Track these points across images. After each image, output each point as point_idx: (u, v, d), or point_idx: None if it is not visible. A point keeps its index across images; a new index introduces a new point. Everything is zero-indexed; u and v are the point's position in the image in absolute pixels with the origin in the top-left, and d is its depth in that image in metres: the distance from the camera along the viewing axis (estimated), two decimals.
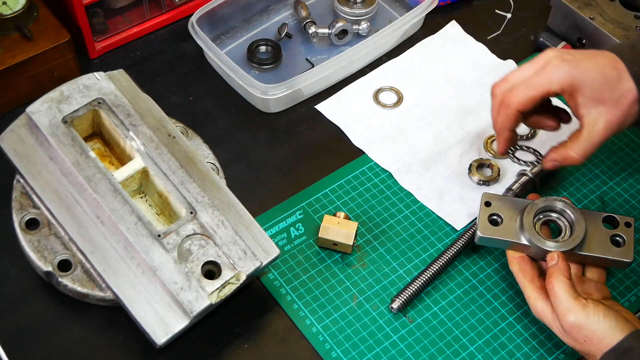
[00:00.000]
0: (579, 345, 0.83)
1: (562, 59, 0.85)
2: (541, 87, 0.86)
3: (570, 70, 0.85)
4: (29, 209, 0.88)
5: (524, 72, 0.88)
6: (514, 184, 1.00)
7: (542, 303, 0.86)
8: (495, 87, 0.91)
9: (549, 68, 0.86)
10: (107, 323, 0.90)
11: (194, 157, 0.91)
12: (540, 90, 0.86)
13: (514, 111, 0.88)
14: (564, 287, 0.83)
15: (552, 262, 0.86)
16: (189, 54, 1.16)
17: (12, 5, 1.05)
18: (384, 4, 1.23)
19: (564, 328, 0.83)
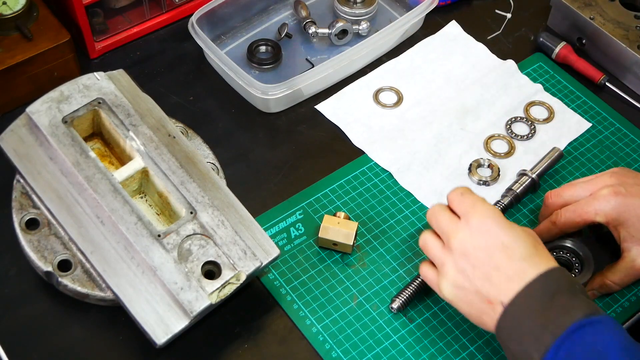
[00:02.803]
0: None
1: (615, 192, 0.87)
2: (587, 215, 0.88)
3: (618, 206, 0.86)
4: (29, 209, 0.88)
5: (577, 192, 0.91)
6: (514, 184, 1.00)
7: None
8: (548, 197, 0.94)
9: (599, 199, 0.88)
10: (107, 323, 0.90)
11: (194, 157, 0.91)
12: (585, 219, 0.89)
13: (557, 231, 0.92)
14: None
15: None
16: (189, 54, 1.16)
17: (12, 5, 1.05)
18: (384, 4, 1.23)
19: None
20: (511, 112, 1.11)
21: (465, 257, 0.80)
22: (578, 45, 1.17)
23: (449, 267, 0.81)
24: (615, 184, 0.88)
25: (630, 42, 1.10)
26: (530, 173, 1.00)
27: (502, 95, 1.13)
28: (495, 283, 0.78)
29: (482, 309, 0.79)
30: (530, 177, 1.00)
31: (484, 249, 0.79)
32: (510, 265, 0.78)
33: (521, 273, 0.77)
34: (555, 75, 1.16)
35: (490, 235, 0.79)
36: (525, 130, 1.09)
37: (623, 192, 0.87)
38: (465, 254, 0.80)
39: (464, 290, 0.80)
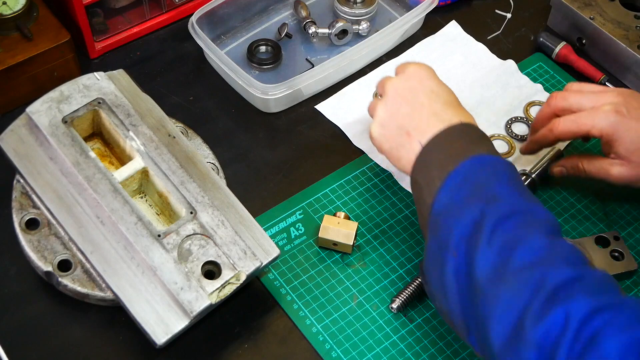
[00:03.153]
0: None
1: (616, 110, 0.89)
2: (584, 127, 0.91)
3: (616, 125, 0.89)
4: (29, 209, 0.88)
5: (582, 101, 0.93)
6: None
7: None
8: (553, 97, 0.96)
9: (599, 114, 0.90)
10: (107, 323, 0.90)
11: (194, 157, 0.91)
12: (582, 130, 0.91)
13: (553, 138, 0.95)
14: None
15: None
16: (189, 54, 1.16)
17: (12, 5, 1.05)
18: (384, 4, 1.23)
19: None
20: (511, 112, 1.11)
21: (395, 97, 0.89)
22: (578, 45, 1.17)
23: (379, 109, 0.90)
24: (618, 102, 0.90)
25: (630, 42, 1.10)
26: (530, 173, 1.00)
27: (502, 95, 1.13)
28: (416, 119, 0.86)
29: (401, 143, 0.87)
30: (530, 177, 1.00)
31: (412, 89, 0.89)
32: (433, 106, 0.86)
33: (443, 115, 0.85)
34: (555, 75, 1.16)
35: (421, 80, 0.89)
36: (525, 130, 1.09)
37: (623, 112, 0.89)
38: (396, 94, 0.89)
39: (388, 127, 0.89)
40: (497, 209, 0.75)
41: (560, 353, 0.66)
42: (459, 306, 0.75)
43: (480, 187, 0.78)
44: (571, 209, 1.02)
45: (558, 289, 0.69)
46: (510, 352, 0.70)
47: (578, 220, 1.00)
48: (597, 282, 0.71)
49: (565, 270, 0.70)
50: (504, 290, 0.71)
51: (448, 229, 0.77)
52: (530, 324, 0.68)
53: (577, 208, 1.02)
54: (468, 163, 0.79)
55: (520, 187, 0.79)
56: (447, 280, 0.76)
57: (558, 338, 0.67)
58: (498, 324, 0.71)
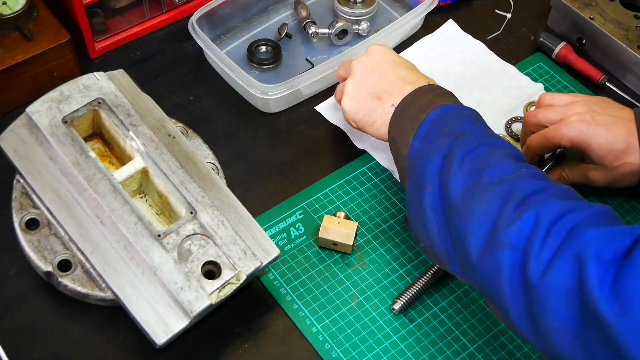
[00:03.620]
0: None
1: (581, 120, 0.92)
2: (554, 140, 0.94)
3: (583, 134, 0.92)
4: (29, 209, 0.88)
5: (550, 115, 0.96)
6: None
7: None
8: (527, 116, 0.99)
9: (567, 125, 0.93)
10: (107, 323, 0.90)
11: (194, 157, 0.91)
12: (552, 142, 0.95)
13: (531, 154, 0.98)
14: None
15: None
16: (189, 54, 1.16)
17: (12, 5, 1.05)
18: (384, 4, 1.23)
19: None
20: (511, 112, 1.11)
21: (361, 71, 0.96)
22: (578, 45, 1.17)
23: (348, 85, 0.97)
24: (584, 112, 0.93)
25: (630, 42, 1.10)
26: None
27: (502, 95, 1.13)
28: (384, 84, 0.93)
29: (373, 107, 0.93)
30: None
31: (376, 62, 0.96)
32: (399, 71, 0.94)
33: (409, 78, 0.93)
34: (555, 75, 1.16)
35: (383, 54, 0.97)
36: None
37: (589, 120, 0.92)
38: (362, 69, 0.96)
39: (359, 97, 0.95)
40: (464, 142, 0.81)
41: (533, 248, 0.70)
42: (438, 237, 0.80)
43: (448, 127, 0.83)
44: None
45: (528, 196, 0.74)
46: (486, 256, 0.74)
47: None
48: (565, 192, 0.76)
49: (533, 182, 0.76)
50: (477, 204, 0.76)
51: (422, 168, 0.82)
52: (503, 227, 0.73)
53: None
54: (436, 111, 0.85)
55: (485, 127, 0.86)
56: (426, 216, 0.81)
57: (530, 235, 0.71)
58: (474, 236, 0.75)
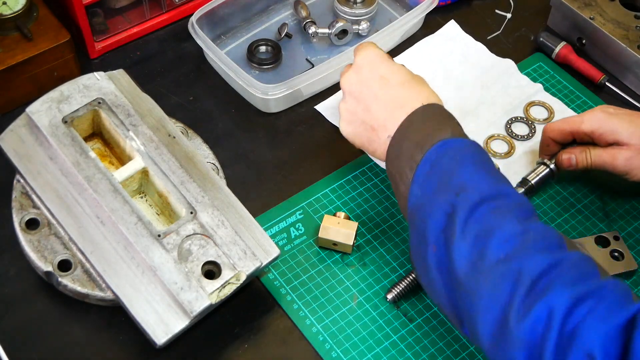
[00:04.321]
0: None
1: (603, 110, 0.95)
2: (574, 123, 0.96)
3: (605, 119, 0.93)
4: (29, 209, 0.88)
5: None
6: (530, 173, 0.99)
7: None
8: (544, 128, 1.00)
9: (588, 113, 0.95)
10: (107, 323, 0.90)
11: (194, 157, 0.91)
12: (571, 125, 0.96)
13: (546, 137, 0.99)
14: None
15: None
16: (189, 54, 1.16)
17: (12, 5, 1.05)
18: (384, 4, 1.23)
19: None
20: (511, 112, 1.11)
21: (350, 94, 0.91)
22: (578, 45, 1.17)
23: (341, 108, 0.93)
24: (605, 107, 0.96)
25: (630, 42, 1.10)
26: (548, 163, 0.99)
27: (502, 95, 1.13)
28: (375, 113, 0.88)
29: (370, 137, 0.89)
30: (549, 167, 0.99)
31: (363, 81, 0.90)
32: (389, 94, 0.88)
33: (401, 101, 0.87)
34: (555, 75, 1.16)
35: (371, 69, 0.90)
36: (525, 130, 1.09)
37: (612, 112, 0.94)
38: (350, 91, 0.91)
39: (354, 124, 0.91)
40: (466, 198, 0.76)
41: (547, 350, 0.67)
42: (447, 298, 0.76)
43: (447, 175, 0.79)
44: (571, 209, 1.02)
45: (536, 280, 0.69)
46: (499, 350, 0.70)
47: (578, 221, 1.00)
48: (575, 267, 0.71)
49: (541, 259, 0.71)
50: (484, 285, 0.72)
51: (424, 222, 0.78)
52: (515, 321, 0.69)
53: (577, 208, 1.02)
54: (434, 150, 0.80)
55: (486, 168, 0.80)
56: (431, 274, 0.77)
57: (544, 335, 0.67)
58: (483, 320, 0.71)
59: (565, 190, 1.03)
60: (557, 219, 1.00)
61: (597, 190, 1.03)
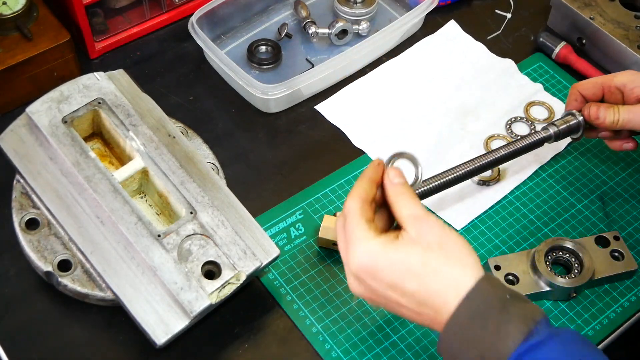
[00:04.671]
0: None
1: (634, 71, 0.94)
2: (605, 77, 0.94)
3: (635, 75, 0.92)
4: (29, 209, 0.88)
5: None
6: (557, 120, 0.97)
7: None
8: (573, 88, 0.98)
9: (619, 72, 0.94)
10: (107, 323, 0.90)
11: (194, 157, 0.91)
12: (602, 79, 0.94)
13: (575, 92, 0.96)
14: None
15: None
16: (189, 54, 1.16)
17: (12, 5, 1.05)
18: (384, 4, 1.23)
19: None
20: (511, 112, 1.11)
21: (364, 297, 0.74)
22: (578, 45, 1.17)
23: (353, 286, 0.74)
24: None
25: (630, 42, 1.10)
26: (578, 115, 0.96)
27: (502, 95, 1.13)
28: (408, 315, 0.72)
29: (409, 317, 0.73)
30: (576, 119, 0.96)
31: (374, 292, 0.73)
32: (413, 299, 0.70)
33: (431, 305, 0.69)
34: (555, 75, 1.16)
35: (375, 278, 0.71)
36: (525, 130, 1.09)
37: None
38: (362, 295, 0.74)
39: (379, 304, 0.74)
40: None
41: None
42: None
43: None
44: (571, 209, 1.02)
45: None
46: None
47: (578, 221, 1.00)
48: None
49: None
50: None
51: None
52: None
53: (577, 208, 1.02)
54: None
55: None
56: None
57: None
58: None
59: (565, 190, 1.03)
60: (557, 219, 1.00)
61: (597, 190, 1.03)
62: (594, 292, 0.94)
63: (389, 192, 0.75)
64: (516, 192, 1.03)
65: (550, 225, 1.00)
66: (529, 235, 0.99)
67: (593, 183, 1.04)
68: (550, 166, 1.06)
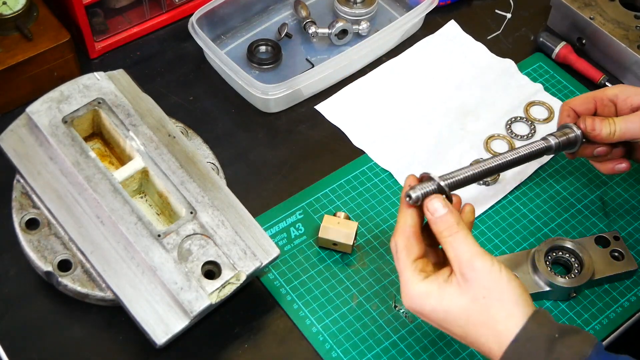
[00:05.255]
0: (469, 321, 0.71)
1: (622, 85, 0.94)
2: (596, 91, 0.92)
3: (628, 85, 0.92)
4: (29, 209, 0.88)
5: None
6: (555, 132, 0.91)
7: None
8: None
9: (609, 87, 0.93)
10: (107, 323, 0.90)
11: (194, 157, 0.91)
12: (594, 93, 0.92)
13: (566, 108, 0.93)
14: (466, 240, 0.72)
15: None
16: (189, 54, 1.16)
17: (12, 5, 1.05)
18: (384, 4, 1.23)
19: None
20: (511, 112, 1.11)
21: (440, 327, 0.75)
22: (578, 45, 1.17)
23: (417, 307, 0.75)
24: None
25: (630, 42, 1.10)
26: (575, 128, 0.90)
27: (502, 95, 1.13)
28: (467, 342, 0.73)
29: (468, 342, 0.74)
30: (574, 132, 0.90)
31: (431, 319, 0.74)
32: (461, 332, 0.72)
33: (489, 346, 0.71)
34: (555, 75, 1.16)
35: (431, 316, 0.74)
36: (525, 130, 1.09)
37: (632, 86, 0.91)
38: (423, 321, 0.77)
39: (439, 327, 0.75)
40: None
41: None
42: None
43: None
44: (571, 209, 1.02)
45: None
46: None
47: (578, 221, 1.00)
48: None
49: None
50: None
51: None
52: None
53: (577, 208, 1.02)
54: None
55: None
56: None
57: None
58: None
59: (565, 190, 1.03)
60: (557, 219, 1.00)
61: (597, 190, 1.03)
62: (594, 292, 0.94)
63: (434, 230, 0.74)
64: (516, 192, 1.03)
65: (550, 225, 1.00)
66: (529, 235, 0.99)
67: (593, 183, 1.04)
68: (550, 166, 1.06)
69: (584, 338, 0.69)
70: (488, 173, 0.83)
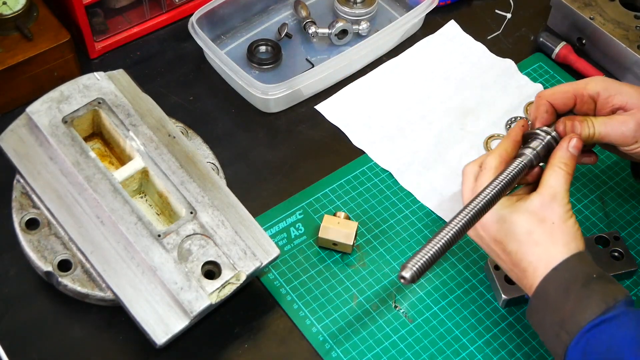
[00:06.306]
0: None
1: (604, 78, 0.89)
2: (576, 85, 0.89)
3: (610, 82, 0.88)
4: (29, 209, 0.88)
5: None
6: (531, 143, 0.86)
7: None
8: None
9: (589, 79, 0.89)
10: (107, 323, 0.90)
11: (194, 157, 0.91)
12: (574, 87, 0.88)
13: (543, 103, 0.89)
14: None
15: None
16: (189, 54, 1.16)
17: (12, 5, 1.05)
18: (384, 4, 1.23)
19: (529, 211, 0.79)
20: (511, 112, 1.11)
21: (475, 234, 0.85)
22: (578, 45, 1.17)
23: (480, 243, 0.86)
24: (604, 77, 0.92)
25: (630, 42, 1.10)
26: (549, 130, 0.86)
27: (502, 95, 1.13)
28: (520, 271, 0.81)
29: (514, 275, 0.83)
30: (550, 135, 0.86)
31: (486, 246, 0.85)
32: (508, 260, 0.81)
33: (525, 266, 0.79)
34: (555, 75, 1.16)
35: (483, 242, 0.85)
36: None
37: (612, 80, 0.89)
38: (472, 235, 0.86)
39: (484, 250, 0.86)
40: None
41: None
42: None
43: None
44: None
45: None
46: None
47: (578, 220, 1.00)
48: None
49: None
50: None
51: None
52: None
53: (577, 208, 1.02)
54: (582, 338, 0.73)
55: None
56: None
57: None
58: None
59: None
60: None
61: (597, 190, 1.03)
62: None
63: (556, 155, 0.83)
64: None
65: None
66: None
67: (593, 183, 1.04)
68: None
69: (619, 287, 0.76)
70: (481, 213, 0.78)
